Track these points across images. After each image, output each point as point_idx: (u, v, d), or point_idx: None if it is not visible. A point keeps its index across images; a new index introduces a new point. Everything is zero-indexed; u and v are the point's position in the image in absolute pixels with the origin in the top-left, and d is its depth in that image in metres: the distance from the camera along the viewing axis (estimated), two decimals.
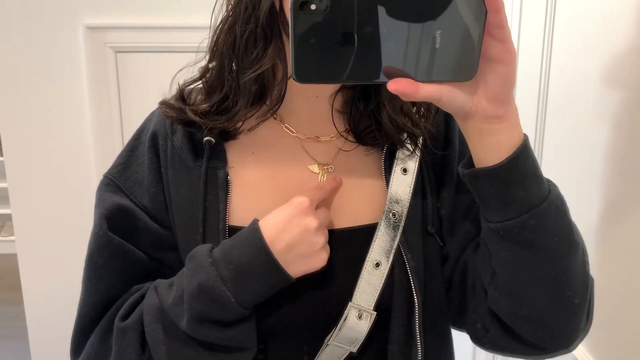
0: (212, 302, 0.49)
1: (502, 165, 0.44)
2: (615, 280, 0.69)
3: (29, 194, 2.11)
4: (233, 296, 0.48)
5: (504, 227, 0.46)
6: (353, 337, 0.53)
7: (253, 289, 0.49)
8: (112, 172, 0.59)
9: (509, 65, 0.40)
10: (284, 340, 0.55)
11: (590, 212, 0.74)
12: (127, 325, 0.53)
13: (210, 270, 0.49)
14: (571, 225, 0.48)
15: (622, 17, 0.67)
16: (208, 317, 0.49)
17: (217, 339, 0.50)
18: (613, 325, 0.68)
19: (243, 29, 0.50)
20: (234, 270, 0.49)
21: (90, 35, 1.94)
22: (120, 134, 2.05)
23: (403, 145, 0.57)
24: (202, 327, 0.49)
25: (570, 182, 0.78)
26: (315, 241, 0.50)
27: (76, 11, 1.93)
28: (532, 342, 0.52)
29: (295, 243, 0.50)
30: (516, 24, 0.98)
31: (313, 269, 0.51)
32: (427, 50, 0.38)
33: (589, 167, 0.74)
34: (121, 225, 0.56)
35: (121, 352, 0.53)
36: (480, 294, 0.54)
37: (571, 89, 0.82)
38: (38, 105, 2.01)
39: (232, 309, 0.49)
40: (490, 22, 0.38)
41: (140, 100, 2.00)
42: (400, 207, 0.55)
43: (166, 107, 0.57)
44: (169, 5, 1.93)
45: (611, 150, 0.71)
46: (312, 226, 0.50)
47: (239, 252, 0.50)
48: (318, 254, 0.51)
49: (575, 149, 0.79)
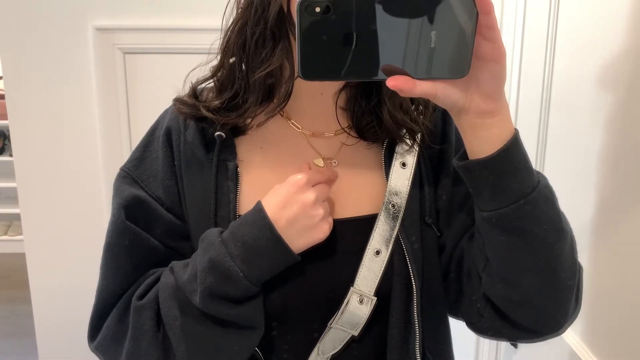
0: (222, 276, 0.52)
1: (494, 157, 0.47)
2: (611, 275, 0.71)
3: (37, 193, 2.13)
4: (241, 271, 0.51)
5: (496, 216, 0.49)
6: (355, 321, 0.56)
7: (259, 264, 0.52)
8: (128, 166, 0.62)
9: (499, 63, 0.43)
10: (290, 325, 0.58)
11: (595, 209, 0.76)
12: (144, 304, 0.56)
13: (220, 248, 0.53)
14: (560, 214, 0.51)
15: (618, 19, 0.70)
16: (219, 292, 0.52)
17: (227, 316, 0.53)
18: (609, 319, 0.70)
19: (253, 31, 0.53)
20: (241, 248, 0.52)
21: (99, 37, 1.96)
22: (128, 134, 2.07)
23: (402, 140, 0.60)
24: (213, 303, 0.52)
25: (571, 180, 0.80)
26: (314, 214, 0.53)
27: (85, 13, 1.96)
28: (524, 325, 0.55)
29: (296, 218, 0.53)
30: (520, 27, 1.01)
31: (316, 240, 0.54)
32: (423, 50, 0.41)
33: (589, 166, 0.76)
34: (138, 215, 0.59)
35: (137, 329, 0.56)
36: (475, 281, 0.57)
37: (573, 90, 0.84)
38: (47, 105, 2.04)
39: (240, 283, 0.52)
40: (481, 23, 0.41)
41: (147, 100, 2.03)
42: (399, 198, 0.58)
43: (180, 103, 0.60)
44: (176, 8, 1.95)
45: (609, 150, 0.72)
46: (309, 200, 0.53)
47: (245, 230, 0.53)
48: (319, 226, 0.54)
49: (578, 148, 0.81)
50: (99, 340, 0.60)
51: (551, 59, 0.88)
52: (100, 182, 2.10)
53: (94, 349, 0.61)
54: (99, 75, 1.99)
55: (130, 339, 0.56)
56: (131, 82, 2.03)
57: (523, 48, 1.01)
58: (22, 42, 1.99)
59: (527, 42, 0.99)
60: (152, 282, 0.58)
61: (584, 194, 0.77)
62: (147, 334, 0.55)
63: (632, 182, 0.67)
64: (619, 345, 0.68)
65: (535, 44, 0.94)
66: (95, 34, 1.95)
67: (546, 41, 0.88)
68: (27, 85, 2.02)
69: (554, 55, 0.88)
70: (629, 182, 0.68)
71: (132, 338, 0.56)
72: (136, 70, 2.02)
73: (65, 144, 2.07)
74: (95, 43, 1.96)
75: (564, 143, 0.88)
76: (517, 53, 1.02)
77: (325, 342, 0.57)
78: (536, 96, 0.93)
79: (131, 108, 2.06)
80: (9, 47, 2.00)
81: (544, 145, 0.95)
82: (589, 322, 0.73)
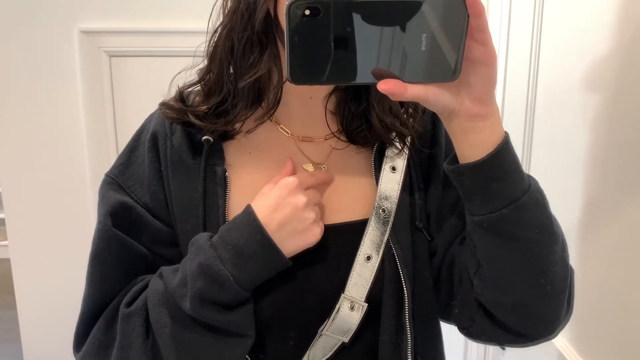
0: (212, 281, 0.51)
1: (484, 161, 0.46)
2: (599, 276, 0.71)
3: (22, 198, 2.10)
4: (232, 275, 0.50)
5: (487, 220, 0.49)
6: (345, 327, 0.56)
7: (250, 268, 0.51)
8: (114, 172, 0.61)
9: (490, 66, 0.43)
10: (280, 331, 0.57)
11: (581, 210, 0.76)
12: (132, 311, 0.55)
13: (209, 252, 0.51)
14: (551, 218, 0.51)
15: (601, 20, 0.70)
16: (209, 297, 0.51)
17: (217, 322, 0.52)
18: (596, 321, 0.70)
19: (240, 36, 0.52)
20: (231, 251, 0.51)
21: (84, 40, 1.95)
22: (114, 137, 2.06)
23: (392, 144, 0.59)
24: (203, 308, 0.51)
25: (557, 181, 0.81)
26: (306, 217, 0.52)
27: (71, 16, 1.94)
28: (516, 330, 0.55)
29: (287, 221, 0.52)
30: (505, 29, 1.01)
31: (308, 244, 0.53)
32: (414, 53, 0.40)
33: (575, 167, 0.77)
34: (124, 222, 0.57)
35: (125, 337, 0.54)
36: (467, 286, 0.56)
37: (557, 91, 0.85)
38: (33, 108, 2.02)
39: (230, 288, 0.51)
40: (472, 26, 0.40)
41: (133, 103, 2.02)
42: (389, 203, 0.57)
43: (166, 108, 0.59)
44: (162, 11, 1.95)
45: (595, 151, 0.73)
46: (300, 203, 0.52)
47: (236, 234, 0.52)
48: (310, 229, 0.53)
49: (563, 149, 0.82)
50: (85, 350, 0.58)
51: (536, 60, 0.89)
52: (86, 186, 2.09)
53: (79, 359, 0.59)
54: (85, 78, 1.98)
55: (118, 348, 0.55)
56: (117, 84, 2.02)
57: (508, 50, 1.02)
58: (8, 44, 1.97)
59: (512, 44, 1.00)
60: (140, 289, 0.57)
61: (570, 195, 0.78)
62: (135, 342, 0.54)
63: (618, 183, 0.68)
64: (606, 347, 0.69)
65: (520, 46, 0.95)
66: (81, 37, 1.94)
67: (531, 43, 0.88)
68: (12, 88, 2.00)
69: (538, 57, 0.88)
70: (615, 182, 0.68)
71: (120, 347, 0.55)
72: (122, 73, 2.01)
73: (50, 148, 2.06)
74: (81, 46, 1.95)
75: (549, 143, 0.88)
76: (503, 55, 1.03)
77: (315, 349, 0.56)
78: (521, 97, 0.94)
79: (117, 111, 2.05)
80: None
81: (529, 146, 0.95)
82: (577, 324, 0.73)
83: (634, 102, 0.63)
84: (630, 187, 0.63)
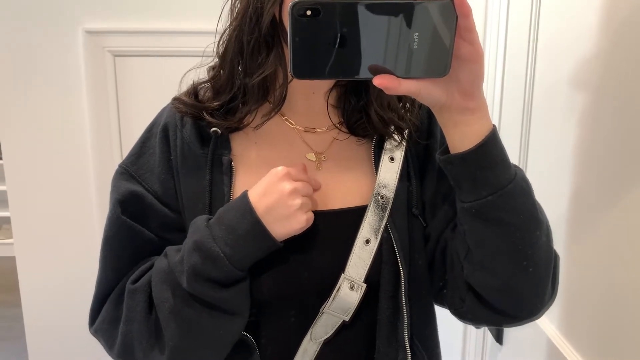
0: (205, 257, 0.54)
1: (473, 151, 0.50)
2: (589, 270, 0.73)
3: (27, 196, 2.12)
4: (223, 252, 0.54)
5: (475, 206, 0.52)
6: (346, 306, 0.59)
7: (241, 246, 0.55)
8: (126, 162, 0.65)
9: (478, 63, 0.46)
10: (283, 310, 0.61)
11: (575, 204, 0.78)
12: (137, 287, 0.59)
13: (204, 231, 0.56)
14: (535, 205, 0.54)
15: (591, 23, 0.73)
16: (202, 272, 0.55)
17: (212, 298, 0.56)
18: (589, 315, 0.71)
19: (248, 39, 0.56)
20: (225, 230, 0.55)
21: (89, 39, 1.97)
22: (118, 136, 2.08)
23: (390, 136, 0.63)
24: (197, 284, 0.55)
25: (554, 177, 0.82)
26: (291, 203, 0.55)
27: (76, 16, 1.96)
28: (502, 310, 0.58)
29: (273, 205, 0.55)
30: (503, 31, 1.04)
31: (294, 230, 0.56)
32: (407, 51, 0.44)
33: (571, 163, 0.78)
34: (133, 209, 0.61)
35: (130, 311, 0.59)
36: (457, 269, 0.60)
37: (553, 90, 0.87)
38: (38, 108, 2.04)
39: (222, 265, 0.54)
40: (460, 26, 0.44)
41: (137, 102, 2.04)
42: (387, 191, 0.61)
43: (179, 102, 0.63)
44: (166, 11, 1.97)
45: (588, 147, 0.75)
46: (286, 190, 0.55)
47: (230, 215, 0.56)
48: (295, 216, 0.56)
49: (559, 146, 0.83)
50: (97, 324, 0.63)
51: (533, 61, 0.91)
52: (90, 184, 2.11)
53: (93, 332, 0.64)
54: (89, 77, 1.99)
55: (124, 321, 0.59)
56: (121, 84, 2.04)
57: (506, 51, 1.04)
58: (12, 44, 1.99)
59: (510, 45, 1.02)
60: (147, 268, 0.61)
61: (565, 189, 0.80)
62: (139, 316, 0.58)
63: (609, 178, 0.69)
64: (599, 341, 0.69)
65: (517, 47, 0.97)
66: (86, 37, 1.96)
67: (528, 44, 0.91)
68: (15, 88, 2.02)
69: (535, 58, 0.91)
70: (607, 178, 0.70)
71: (125, 320, 0.59)
72: (126, 73, 2.03)
73: (55, 147, 2.07)
74: (85, 46, 1.97)
75: (546, 141, 0.90)
76: (501, 57, 1.06)
77: (317, 327, 0.60)
78: (519, 96, 0.96)
79: (121, 110, 2.07)
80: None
81: (526, 143, 0.97)
82: (569, 317, 0.76)
83: (625, 100, 0.65)
84: (624, 184, 0.65)
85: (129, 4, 1.97)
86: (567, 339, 0.77)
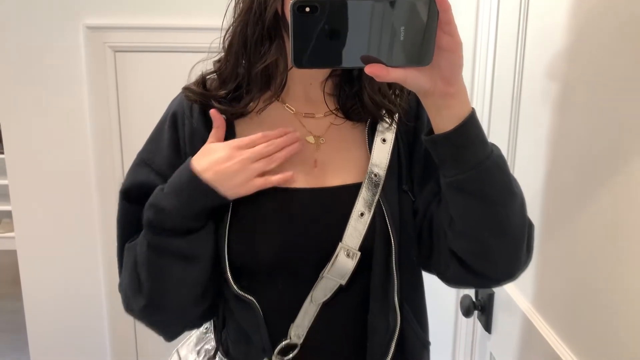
0: (156, 212, 0.64)
1: (454, 131, 0.56)
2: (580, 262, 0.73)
3: (29, 190, 2.14)
4: (169, 204, 0.63)
5: (456, 180, 0.58)
6: (342, 271, 0.66)
7: (184, 199, 0.64)
8: (141, 150, 0.73)
9: (456, 53, 0.52)
10: (286, 276, 0.68)
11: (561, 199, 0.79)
12: (131, 245, 0.69)
13: (157, 191, 0.66)
14: (510, 179, 0.60)
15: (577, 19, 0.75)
16: (158, 225, 0.64)
17: (171, 247, 0.64)
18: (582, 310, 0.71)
19: (253, 31, 0.63)
20: (169, 188, 0.65)
21: (90, 35, 1.99)
22: (119, 131, 2.10)
23: (382, 119, 0.70)
24: (155, 235, 0.64)
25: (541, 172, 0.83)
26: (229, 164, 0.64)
27: (77, 12, 1.98)
28: (482, 273, 0.65)
29: (212, 165, 0.65)
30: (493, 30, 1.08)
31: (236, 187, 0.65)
32: (395, 42, 0.50)
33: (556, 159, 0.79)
34: (137, 196, 0.69)
35: (125, 264, 0.68)
36: (442, 238, 0.66)
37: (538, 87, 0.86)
38: (39, 102, 2.06)
39: (171, 217, 0.63)
40: (441, 20, 0.50)
41: (137, 97, 2.06)
42: (380, 169, 0.68)
43: (189, 91, 0.70)
44: (166, 8, 2.00)
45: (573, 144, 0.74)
46: (226, 153, 0.65)
47: (174, 178, 0.66)
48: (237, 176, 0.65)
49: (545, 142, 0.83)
50: (118, 285, 0.72)
51: (521, 59, 0.94)
52: (91, 178, 2.12)
53: (119, 289, 0.73)
54: (90, 72, 2.01)
55: (123, 274, 0.69)
56: (122, 79, 2.05)
57: (497, 49, 1.07)
58: (14, 40, 2.00)
59: (500, 43, 1.05)
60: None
61: (551, 184, 0.81)
62: (129, 268, 0.67)
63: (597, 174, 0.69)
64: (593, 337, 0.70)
65: (506, 45, 0.99)
66: (87, 32, 1.98)
67: (516, 43, 0.94)
68: (17, 84, 2.03)
69: (523, 57, 0.93)
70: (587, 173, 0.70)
71: (123, 273, 0.69)
72: (126, 68, 2.04)
73: (56, 141, 2.08)
74: (86, 41, 1.99)
75: (533, 137, 0.89)
76: (491, 54, 1.10)
77: (317, 290, 0.67)
78: (507, 93, 0.99)
79: (121, 105, 2.08)
80: (0, 45, 2.01)
81: (514, 138, 0.98)
82: (554, 305, 0.78)
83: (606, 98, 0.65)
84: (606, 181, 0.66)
85: (129, 1, 1.99)
86: (550, 325, 0.80)
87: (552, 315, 0.80)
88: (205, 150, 0.66)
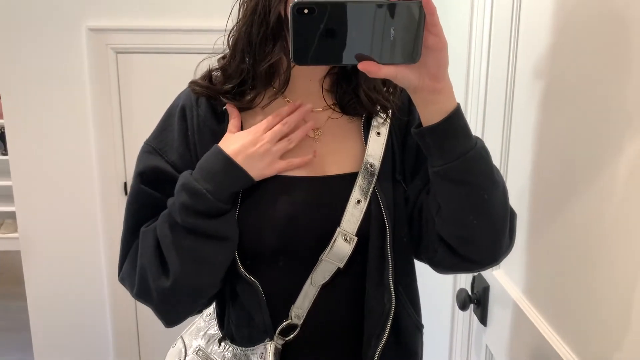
0: (191, 195, 0.67)
1: (440, 124, 0.60)
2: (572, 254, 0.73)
3: (32, 191, 2.17)
4: (204, 188, 0.67)
5: (442, 170, 0.62)
6: (340, 255, 0.71)
7: (218, 182, 0.67)
8: (149, 139, 0.77)
9: (442, 51, 0.56)
10: (287, 259, 0.72)
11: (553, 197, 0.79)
12: (147, 230, 0.72)
13: (187, 175, 0.69)
14: (493, 169, 0.65)
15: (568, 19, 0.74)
16: (192, 208, 0.67)
17: (203, 229, 0.67)
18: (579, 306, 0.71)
19: (257, 31, 0.67)
20: (202, 172, 0.68)
21: (92, 37, 2.03)
22: (121, 131, 2.14)
23: (377, 114, 0.75)
24: (189, 218, 0.67)
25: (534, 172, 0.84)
26: (256, 149, 0.69)
27: (79, 14, 2.02)
28: (468, 257, 0.69)
29: (241, 149, 0.69)
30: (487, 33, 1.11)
31: (264, 168, 0.70)
32: (386, 42, 0.54)
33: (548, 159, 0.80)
34: (152, 179, 0.73)
35: (143, 248, 0.71)
36: (431, 225, 0.71)
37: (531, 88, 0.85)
38: (41, 104, 2.09)
39: (206, 200, 0.67)
40: (428, 21, 0.54)
41: (139, 97, 2.10)
42: (375, 160, 0.73)
43: (195, 85, 0.75)
44: (167, 10, 2.04)
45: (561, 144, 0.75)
46: (254, 137, 0.70)
47: (204, 162, 0.70)
48: (263, 158, 0.70)
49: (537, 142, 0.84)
50: (122, 273, 0.75)
51: (514, 61, 0.96)
52: (94, 178, 2.16)
53: (120, 280, 0.76)
54: (93, 74, 2.05)
55: (139, 256, 0.72)
56: (124, 80, 2.09)
57: (490, 53, 1.10)
58: (17, 42, 2.03)
59: (493, 46, 1.07)
60: (156, 218, 0.73)
61: (541, 179, 0.83)
62: (149, 251, 0.70)
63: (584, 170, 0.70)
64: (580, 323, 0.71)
65: (499, 49, 1.00)
66: (89, 34, 2.02)
67: (509, 45, 0.96)
68: (21, 85, 2.06)
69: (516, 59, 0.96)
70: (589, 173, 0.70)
71: (140, 256, 0.71)
72: (128, 69, 2.08)
73: (59, 142, 2.12)
74: (88, 43, 2.02)
75: (525, 134, 0.90)
76: (485, 57, 1.12)
77: (316, 273, 0.71)
78: (501, 95, 1.01)
79: (124, 106, 2.12)
80: (4, 47, 2.04)
81: (508, 135, 0.99)
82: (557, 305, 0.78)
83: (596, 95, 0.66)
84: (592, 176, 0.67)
85: (131, 3, 2.02)
86: (540, 313, 0.83)
87: (542, 305, 0.83)
88: (231, 138, 0.70)
